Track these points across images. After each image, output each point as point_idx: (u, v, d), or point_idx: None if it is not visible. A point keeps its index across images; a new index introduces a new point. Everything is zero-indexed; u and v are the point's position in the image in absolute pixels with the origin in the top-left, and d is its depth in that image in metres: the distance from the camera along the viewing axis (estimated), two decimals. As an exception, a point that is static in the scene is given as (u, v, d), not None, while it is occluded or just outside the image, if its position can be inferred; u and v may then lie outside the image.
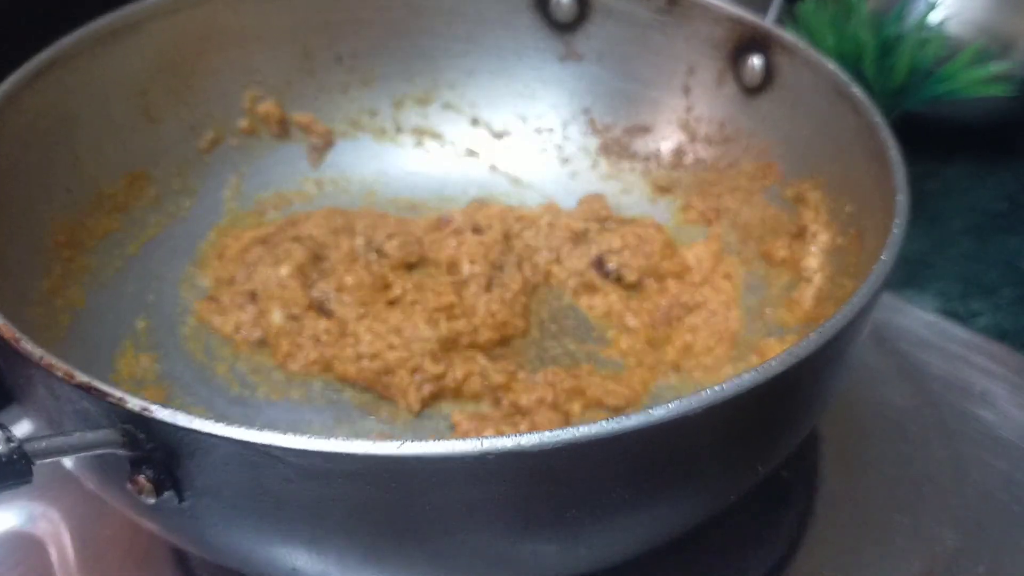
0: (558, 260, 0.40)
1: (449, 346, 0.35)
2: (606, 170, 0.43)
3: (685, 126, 0.42)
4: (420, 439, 0.20)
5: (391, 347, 0.34)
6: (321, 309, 0.36)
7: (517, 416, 0.33)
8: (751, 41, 0.38)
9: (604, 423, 0.20)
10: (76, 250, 0.34)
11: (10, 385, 0.26)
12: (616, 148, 0.43)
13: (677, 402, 0.21)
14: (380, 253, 0.39)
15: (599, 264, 0.39)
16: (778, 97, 0.37)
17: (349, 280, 0.37)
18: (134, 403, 0.21)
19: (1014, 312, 0.46)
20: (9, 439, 0.19)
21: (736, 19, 0.38)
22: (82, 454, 0.22)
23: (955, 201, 0.53)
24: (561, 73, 0.43)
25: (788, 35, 0.36)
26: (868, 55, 0.49)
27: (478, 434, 0.31)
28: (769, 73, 0.37)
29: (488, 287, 0.37)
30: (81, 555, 0.32)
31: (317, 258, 0.38)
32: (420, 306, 0.35)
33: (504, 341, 0.36)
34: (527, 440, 0.20)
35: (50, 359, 0.22)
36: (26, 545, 0.33)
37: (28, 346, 0.23)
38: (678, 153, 0.42)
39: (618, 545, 0.25)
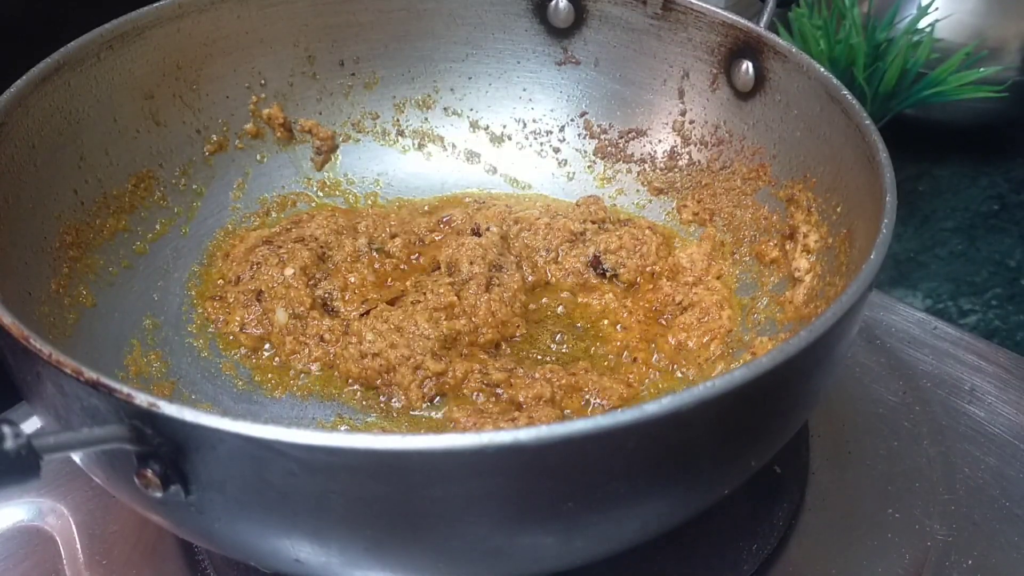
0: (556, 260, 0.40)
1: (449, 344, 0.35)
2: (603, 172, 0.44)
3: (679, 129, 0.42)
4: (420, 434, 0.21)
5: (392, 346, 0.34)
6: (325, 308, 0.37)
7: (515, 412, 0.33)
8: (744, 46, 0.38)
9: (599, 418, 0.21)
10: (83, 250, 0.35)
11: (18, 382, 0.26)
12: (612, 150, 0.44)
13: (670, 397, 0.21)
14: (382, 252, 0.39)
15: (596, 264, 0.40)
16: (770, 101, 0.38)
17: (352, 279, 0.38)
18: (141, 399, 0.21)
19: (1003, 310, 0.46)
20: (18, 435, 0.20)
21: (729, 24, 0.38)
22: (90, 449, 0.22)
23: (946, 202, 0.54)
24: (558, 77, 0.44)
25: (780, 40, 0.37)
26: (860, 59, 0.50)
27: (477, 429, 0.32)
28: (761, 77, 0.38)
29: (488, 287, 0.37)
30: (89, 549, 0.32)
31: (321, 258, 0.39)
32: (421, 305, 0.36)
33: (503, 339, 0.37)
34: (525, 435, 0.21)
35: (59, 356, 0.22)
36: (35, 539, 0.33)
37: (37, 344, 0.23)
38: (673, 155, 0.43)
39: (614, 537, 0.25)
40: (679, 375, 0.35)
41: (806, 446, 0.36)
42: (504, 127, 0.45)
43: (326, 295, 0.37)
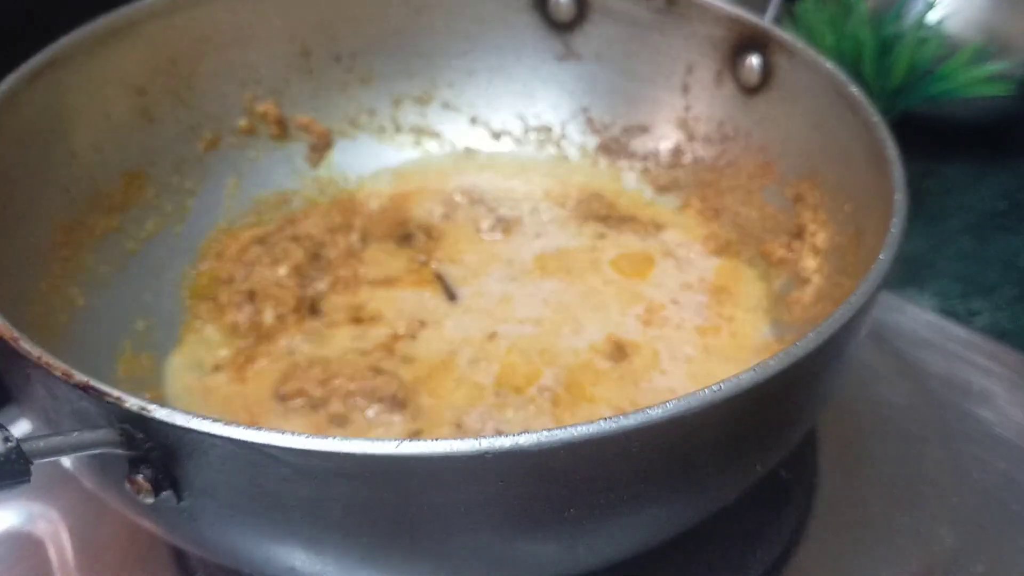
0: (557, 259, 0.40)
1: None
2: (605, 169, 0.44)
3: (683, 125, 0.42)
4: (418, 439, 0.20)
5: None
6: (311, 310, 0.36)
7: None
8: (750, 41, 0.38)
9: (602, 422, 0.20)
10: (74, 250, 0.34)
11: (8, 385, 0.26)
12: (615, 147, 0.43)
13: (675, 401, 0.21)
14: (379, 246, 0.39)
15: (598, 263, 0.39)
16: (777, 96, 0.37)
17: (344, 274, 0.37)
18: (132, 402, 0.21)
19: (1013, 311, 0.45)
20: (7, 439, 0.19)
21: (735, 18, 0.38)
22: (80, 454, 0.22)
23: (954, 200, 0.53)
24: (560, 72, 0.43)
25: (787, 35, 0.36)
26: (867, 54, 0.49)
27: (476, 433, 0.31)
28: (768, 72, 0.37)
29: (487, 286, 0.37)
30: (80, 554, 0.32)
31: (315, 257, 0.38)
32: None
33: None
34: (525, 439, 0.20)
35: (49, 358, 0.22)
36: (25, 544, 0.33)
37: (26, 345, 0.23)
38: (677, 152, 0.42)
39: (617, 544, 0.25)
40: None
41: (813, 450, 0.36)
42: (504, 123, 0.44)
43: (316, 295, 0.37)
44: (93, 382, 0.21)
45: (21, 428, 0.26)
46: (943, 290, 0.47)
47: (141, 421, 0.21)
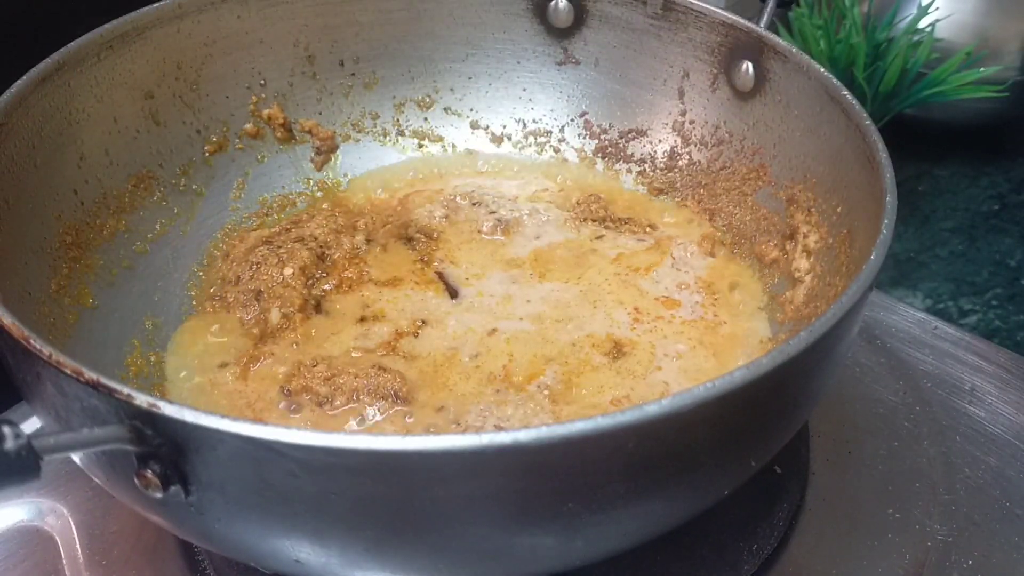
0: (556, 260, 0.40)
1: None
2: (603, 171, 0.44)
3: (679, 129, 0.42)
4: (420, 435, 0.21)
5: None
6: (317, 309, 0.37)
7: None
8: (744, 46, 0.38)
9: (599, 418, 0.21)
10: (83, 250, 0.35)
11: (18, 383, 0.26)
12: (612, 150, 0.44)
13: (670, 398, 0.21)
14: (382, 247, 0.39)
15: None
16: (770, 101, 0.38)
17: (349, 275, 0.38)
18: (141, 399, 0.21)
19: (1004, 310, 0.46)
20: (18, 435, 0.20)
21: (729, 24, 0.39)
22: (90, 450, 0.22)
23: (946, 202, 0.54)
24: (559, 77, 0.44)
25: (780, 40, 0.37)
26: (860, 59, 0.50)
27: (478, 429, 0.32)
28: (762, 77, 0.38)
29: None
30: (88, 549, 0.33)
31: (320, 258, 0.39)
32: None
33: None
34: (524, 435, 0.21)
35: (59, 357, 0.22)
36: (35, 539, 0.33)
37: (37, 344, 0.23)
38: (673, 155, 0.43)
39: (614, 537, 0.25)
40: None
41: (806, 446, 0.36)
42: (504, 127, 0.45)
43: (321, 295, 0.37)
44: (103, 380, 0.22)
45: (31, 425, 0.27)
46: (935, 290, 0.47)
47: (150, 418, 0.21)
